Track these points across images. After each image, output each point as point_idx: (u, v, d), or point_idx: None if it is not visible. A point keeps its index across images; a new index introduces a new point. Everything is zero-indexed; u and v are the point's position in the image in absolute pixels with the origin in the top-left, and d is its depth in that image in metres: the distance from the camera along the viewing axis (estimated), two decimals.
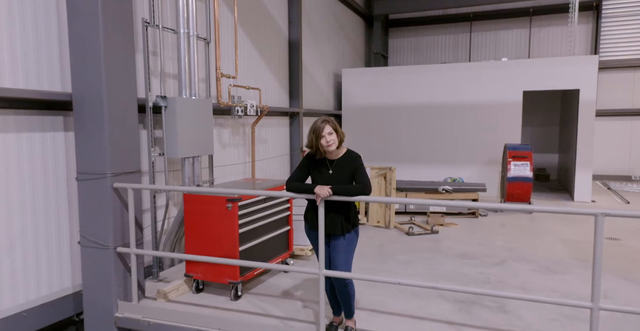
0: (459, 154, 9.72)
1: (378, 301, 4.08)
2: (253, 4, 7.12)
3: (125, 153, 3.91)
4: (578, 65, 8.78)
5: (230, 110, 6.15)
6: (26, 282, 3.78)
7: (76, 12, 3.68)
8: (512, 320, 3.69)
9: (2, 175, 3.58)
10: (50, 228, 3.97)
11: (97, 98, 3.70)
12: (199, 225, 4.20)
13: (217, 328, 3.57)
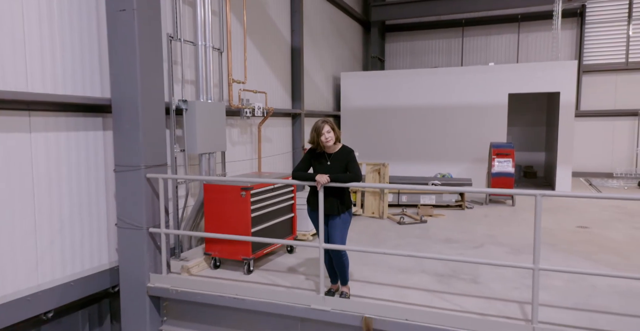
0: (449, 152, 10.43)
1: (369, 275, 4.79)
2: (259, 15, 7.83)
3: (155, 149, 4.62)
4: (558, 69, 9.50)
5: (240, 111, 6.86)
6: (73, 258, 4.49)
7: (115, 31, 4.39)
8: (481, 289, 4.40)
9: (55, 168, 4.30)
10: (92, 212, 4.69)
11: (133, 103, 4.41)
12: (216, 210, 4.91)
13: (234, 294, 4.29)
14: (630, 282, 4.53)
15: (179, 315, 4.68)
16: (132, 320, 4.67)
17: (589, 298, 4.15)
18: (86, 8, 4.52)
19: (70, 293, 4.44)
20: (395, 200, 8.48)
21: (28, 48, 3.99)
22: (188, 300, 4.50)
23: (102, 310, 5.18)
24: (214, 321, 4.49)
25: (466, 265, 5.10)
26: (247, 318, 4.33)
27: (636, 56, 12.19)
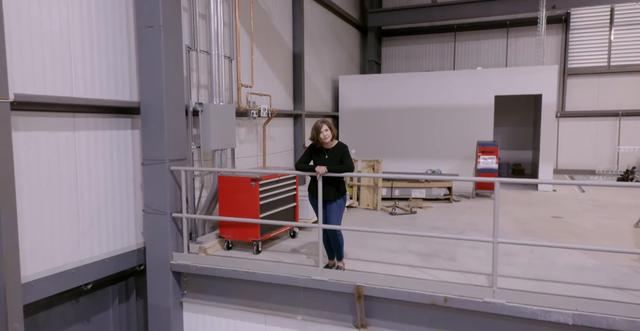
0: (440, 150, 11.18)
1: (361, 255, 5.54)
2: (264, 25, 8.57)
3: (177, 145, 5.37)
4: (541, 73, 10.25)
5: (247, 113, 7.61)
6: (107, 239, 5.24)
7: (144, 44, 5.13)
8: (457, 265, 5.14)
9: (94, 161, 5.04)
10: (122, 200, 5.43)
11: (159, 106, 5.16)
12: (229, 199, 5.66)
13: (245, 269, 5.03)
14: (584, 260, 5.27)
15: (198, 288, 5.43)
16: (157, 293, 5.42)
17: (547, 271, 4.89)
18: (119, 25, 5.26)
19: (105, 269, 5.18)
20: (389, 194, 9.22)
21: (73, 61, 4.74)
22: (206, 275, 5.25)
23: (129, 287, 5.93)
24: (228, 293, 5.24)
25: (447, 247, 5.84)
26: (257, 290, 5.08)
27: (617, 60, 12.93)
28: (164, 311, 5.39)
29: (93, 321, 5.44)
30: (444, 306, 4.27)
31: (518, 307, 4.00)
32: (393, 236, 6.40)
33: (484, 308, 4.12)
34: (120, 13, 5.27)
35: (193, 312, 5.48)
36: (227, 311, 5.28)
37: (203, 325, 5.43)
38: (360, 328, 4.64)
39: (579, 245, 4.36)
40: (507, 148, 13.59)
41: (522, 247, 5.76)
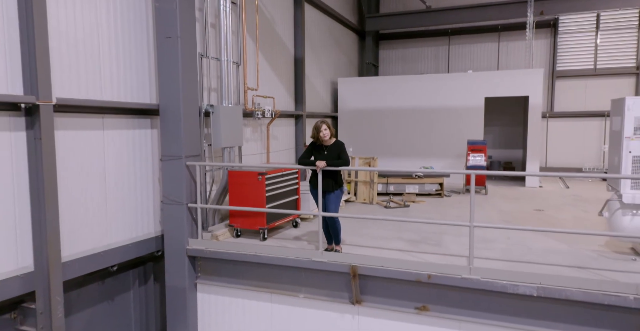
0: (433, 149, 11.82)
1: (357, 241, 6.17)
2: (268, 32, 9.20)
3: (192, 143, 5.99)
4: (527, 76, 10.89)
5: (253, 113, 8.24)
6: (130, 226, 5.87)
7: (163, 53, 5.76)
8: (441, 249, 5.76)
9: (118, 158, 5.67)
10: (143, 192, 6.07)
11: (176, 107, 5.79)
12: (238, 191, 6.29)
13: (253, 252, 5.66)
14: (556, 245, 5.91)
15: (210, 271, 6.05)
16: (174, 275, 6.04)
17: (522, 255, 5.51)
18: (140, 36, 5.89)
19: (128, 253, 5.82)
20: (384, 190, 9.84)
21: (102, 68, 5.37)
22: (218, 258, 5.87)
23: (147, 271, 6.56)
24: (238, 274, 5.86)
25: (434, 235, 6.47)
26: (264, 271, 5.70)
27: (603, 63, 13.56)
28: (180, 292, 6.02)
29: (116, 301, 6.07)
30: (428, 283, 4.89)
31: (491, 282, 4.64)
32: (386, 226, 7.03)
33: (461, 283, 4.75)
34: (141, 26, 5.90)
35: (206, 293, 6.11)
36: (237, 291, 5.91)
37: (215, 304, 6.06)
38: (355, 303, 5.28)
39: (543, 228, 5.00)
40: (499, 147, 14.22)
41: (502, 235, 6.39)
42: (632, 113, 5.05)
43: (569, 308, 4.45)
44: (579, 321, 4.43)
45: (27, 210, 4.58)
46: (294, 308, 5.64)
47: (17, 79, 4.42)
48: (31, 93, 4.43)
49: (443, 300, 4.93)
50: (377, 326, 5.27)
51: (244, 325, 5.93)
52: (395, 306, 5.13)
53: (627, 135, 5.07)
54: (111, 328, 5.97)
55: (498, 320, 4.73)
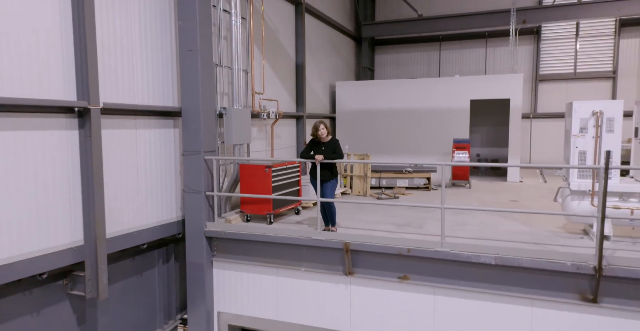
0: (423, 147, 12.83)
1: (351, 225, 7.18)
2: (272, 41, 10.21)
3: (209, 140, 7.01)
4: (508, 80, 11.91)
5: (259, 115, 9.25)
6: (157, 211, 6.88)
7: (185, 63, 6.77)
8: (422, 231, 6.76)
9: (148, 153, 6.69)
10: (167, 182, 7.08)
11: (196, 110, 6.80)
12: (248, 181, 7.30)
13: (262, 233, 6.67)
14: (520, 227, 6.92)
15: (225, 249, 7.06)
16: (194, 254, 7.05)
17: (489, 235, 6.51)
18: (166, 49, 6.91)
19: (155, 233, 6.83)
20: (377, 184, 10.86)
21: (135, 77, 6.39)
22: (231, 238, 6.88)
23: (169, 252, 7.56)
24: (248, 252, 6.87)
25: (418, 220, 7.48)
26: (270, 249, 6.71)
27: (582, 67, 14.58)
28: (199, 268, 7.03)
29: (144, 276, 7.08)
30: (408, 255, 5.91)
31: (458, 253, 5.65)
32: (377, 212, 8.05)
33: (434, 255, 5.76)
34: (167, 40, 6.92)
35: (221, 268, 7.12)
36: (247, 267, 6.92)
37: (229, 277, 7.07)
38: (348, 275, 6.29)
39: (502, 209, 6.03)
40: (486, 146, 15.22)
41: (476, 220, 7.41)
42: (578, 115, 6.06)
43: (520, 274, 5.46)
44: (529, 284, 5.44)
45: (79, 195, 5.59)
46: (296, 280, 6.65)
47: (71, 87, 5.44)
48: (83, 98, 5.44)
49: (420, 270, 5.94)
50: (366, 294, 6.28)
51: (253, 295, 6.94)
52: (381, 276, 6.14)
53: (574, 133, 6.09)
54: (139, 299, 6.97)
55: (465, 285, 5.74)
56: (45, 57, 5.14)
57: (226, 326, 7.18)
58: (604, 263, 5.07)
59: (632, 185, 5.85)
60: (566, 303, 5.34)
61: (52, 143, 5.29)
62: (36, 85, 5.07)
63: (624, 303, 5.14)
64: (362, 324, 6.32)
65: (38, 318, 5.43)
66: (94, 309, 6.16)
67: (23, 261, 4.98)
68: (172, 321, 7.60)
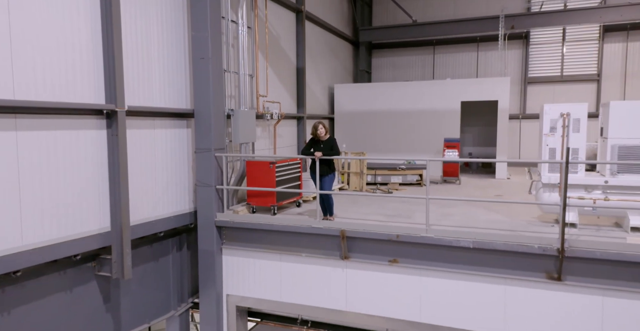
0: (416, 145, 13.59)
1: (347, 215, 7.93)
2: (275, 47, 10.97)
3: (218, 139, 7.75)
4: (496, 83, 12.67)
5: (263, 116, 10.01)
6: (172, 203, 7.62)
7: (198, 70, 7.52)
8: (411, 220, 7.52)
9: (164, 150, 7.43)
10: (182, 177, 7.82)
11: (207, 111, 7.55)
12: (254, 176, 8.04)
13: (267, 222, 7.42)
14: (499, 217, 7.67)
15: (233, 238, 7.80)
16: (205, 242, 7.79)
17: (471, 223, 7.27)
18: (180, 57, 7.66)
19: (171, 223, 7.58)
20: (373, 180, 11.62)
21: (153, 81, 7.14)
22: (239, 227, 7.63)
23: (182, 241, 8.30)
24: (254, 240, 7.61)
25: (408, 211, 8.23)
26: (274, 237, 7.45)
27: (569, 70, 15.35)
28: (209, 255, 7.77)
29: (160, 262, 7.81)
30: (397, 241, 6.65)
31: (441, 239, 6.40)
32: (371, 204, 8.81)
33: (420, 240, 6.51)
34: (181, 49, 7.67)
35: (230, 255, 7.86)
36: (253, 253, 7.66)
37: (237, 263, 7.82)
38: (344, 259, 7.03)
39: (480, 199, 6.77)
40: (478, 145, 15.99)
41: (460, 211, 8.17)
42: (548, 116, 6.82)
43: (495, 256, 6.21)
44: (502, 265, 6.19)
45: (106, 186, 6.34)
46: (297, 264, 7.40)
47: (101, 92, 6.19)
48: (111, 102, 6.19)
49: (408, 254, 6.69)
50: (361, 276, 7.02)
51: (259, 279, 7.69)
52: (373, 260, 6.88)
53: (544, 132, 6.85)
54: (156, 282, 7.71)
55: (447, 267, 6.48)
56: (79, 66, 5.89)
57: (234, 307, 7.93)
58: (566, 245, 5.82)
59: (595, 178, 6.61)
60: (535, 282, 6.09)
61: (85, 141, 6.04)
62: (72, 91, 5.82)
63: (584, 280, 5.89)
64: (357, 303, 7.07)
65: (71, 295, 6.17)
66: (117, 289, 6.91)
67: (61, 244, 5.73)
68: (184, 304, 8.35)
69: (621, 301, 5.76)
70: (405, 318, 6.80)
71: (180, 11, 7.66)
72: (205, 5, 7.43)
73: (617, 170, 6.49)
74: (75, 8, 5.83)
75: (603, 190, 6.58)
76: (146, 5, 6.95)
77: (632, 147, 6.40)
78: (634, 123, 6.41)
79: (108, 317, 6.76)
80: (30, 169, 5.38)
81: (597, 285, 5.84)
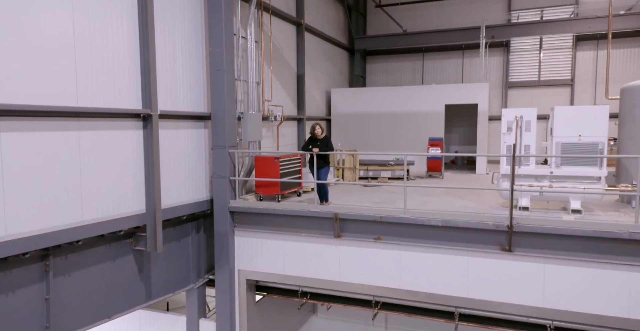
0: (405, 144, 15.02)
1: (340, 202, 9.36)
2: (278, 56, 12.40)
3: (231, 138, 9.17)
4: (476, 88, 14.11)
5: (268, 118, 11.43)
6: (193, 191, 9.03)
7: (214, 80, 8.93)
8: (393, 206, 8.93)
9: (186, 147, 8.86)
10: (200, 170, 9.24)
11: (222, 114, 8.97)
12: (261, 169, 9.47)
13: (272, 207, 8.85)
14: (469, 203, 9.09)
15: (244, 221, 9.21)
16: (220, 224, 9.20)
17: (444, 208, 8.68)
18: (199, 69, 9.08)
19: (191, 208, 8.99)
20: (365, 175, 13.04)
21: (178, 89, 8.57)
22: (248, 212, 9.05)
23: (199, 225, 9.72)
24: (261, 223, 9.02)
25: (392, 200, 9.65)
26: (279, 220, 8.86)
27: (545, 76, 16.79)
28: (224, 235, 9.18)
29: (182, 242, 9.23)
30: (380, 222, 8.07)
31: (416, 219, 7.82)
32: (362, 194, 10.24)
33: (399, 220, 7.92)
34: (200, 62, 9.09)
35: (241, 236, 9.27)
36: (260, 234, 9.07)
37: (247, 243, 9.23)
38: (337, 237, 8.45)
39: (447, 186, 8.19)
40: (463, 144, 17.43)
41: (438, 200, 9.59)
42: (505, 118, 8.25)
43: (459, 233, 7.63)
44: (465, 240, 7.61)
45: (142, 176, 7.76)
46: (298, 243, 8.81)
47: (138, 98, 7.62)
48: (146, 107, 7.62)
49: (389, 232, 8.10)
50: (351, 251, 8.44)
51: (266, 256, 9.11)
52: (361, 238, 8.29)
53: (503, 132, 8.28)
54: (178, 259, 9.12)
55: (421, 242, 7.89)
56: (124, 78, 7.32)
57: (244, 280, 9.34)
58: (514, 223, 7.25)
59: (543, 169, 8.04)
60: (491, 253, 7.51)
61: (126, 139, 7.46)
62: (118, 98, 7.24)
63: (530, 251, 7.31)
64: (348, 274, 8.48)
65: (114, 264, 7.59)
66: (148, 263, 8.32)
67: (109, 221, 7.15)
68: (201, 279, 9.76)
69: (558, 267, 7.19)
70: (388, 285, 8.22)
71: (200, 30, 9.09)
72: (221, 24, 8.85)
73: (560, 162, 7.92)
74: (121, 34, 7.26)
75: (549, 179, 8.01)
76: (173, 26, 8.38)
77: (572, 144, 7.84)
78: (574, 125, 7.85)
79: (142, 285, 8.18)
80: (88, 161, 6.81)
81: (539, 255, 7.26)
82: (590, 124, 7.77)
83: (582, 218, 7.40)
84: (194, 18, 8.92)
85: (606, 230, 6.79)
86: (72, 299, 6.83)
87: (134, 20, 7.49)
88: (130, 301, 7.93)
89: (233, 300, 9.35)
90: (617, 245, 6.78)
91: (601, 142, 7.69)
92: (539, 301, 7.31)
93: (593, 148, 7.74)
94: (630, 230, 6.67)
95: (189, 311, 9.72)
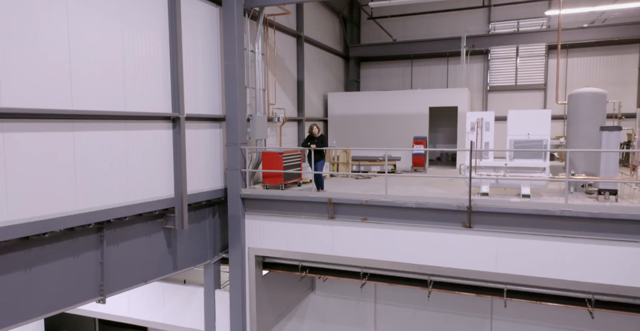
0: (393, 142, 16.78)
1: (334, 190, 11.12)
2: (281, 66, 14.15)
3: (243, 135, 10.92)
4: (456, 92, 15.87)
5: (272, 119, 13.19)
6: (211, 181, 10.78)
7: (229, 88, 10.69)
8: (377, 192, 10.68)
9: (205, 144, 10.61)
10: (216, 164, 10.99)
11: (235, 116, 10.72)
12: (268, 163, 11.22)
13: (277, 194, 10.60)
14: (441, 191, 10.85)
15: (253, 206, 10.96)
16: (233, 209, 10.95)
17: (420, 194, 10.43)
18: (215, 78, 10.84)
19: (209, 195, 10.74)
20: (357, 169, 14.80)
21: (199, 96, 10.32)
22: (257, 199, 10.79)
23: (215, 210, 11.46)
24: (268, 208, 10.76)
25: (378, 189, 11.41)
26: (282, 205, 10.60)
27: (521, 80, 18.56)
28: (236, 218, 10.93)
29: (200, 224, 10.97)
30: (366, 204, 9.81)
31: (394, 202, 9.57)
32: (353, 183, 12.00)
33: (381, 203, 9.67)
34: (216, 72, 10.86)
35: (250, 219, 11.01)
36: (267, 217, 10.81)
37: (256, 225, 10.97)
38: (331, 219, 10.19)
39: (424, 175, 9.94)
40: (447, 143, 19.19)
41: (418, 189, 11.35)
42: (469, 120, 10.01)
43: (429, 213, 9.37)
44: (434, 219, 9.35)
45: (171, 167, 9.51)
46: (299, 224, 10.54)
47: (168, 102, 9.37)
48: (175, 110, 9.38)
49: (374, 214, 9.84)
50: (343, 231, 10.18)
51: (272, 236, 10.85)
52: (351, 219, 10.03)
53: (467, 131, 10.04)
54: (198, 238, 10.86)
55: (399, 221, 9.63)
56: (157, 86, 9.07)
57: (254, 256, 11.09)
58: (473, 204, 9.01)
59: (499, 161, 9.81)
60: (455, 229, 9.26)
61: (158, 138, 9.21)
62: (152, 102, 8.99)
63: (487, 227, 9.05)
64: (340, 249, 10.22)
65: (149, 239, 9.34)
66: (175, 240, 10.07)
67: (147, 203, 8.90)
68: (216, 256, 11.50)
69: (508, 239, 8.94)
70: (374, 257, 9.96)
71: (216, 46, 10.84)
72: (234, 41, 10.60)
73: (512, 156, 9.69)
74: (156, 49, 9.01)
75: (504, 170, 9.77)
76: (195, 42, 10.14)
77: (521, 141, 9.60)
78: (523, 125, 9.61)
79: (169, 257, 9.93)
80: (134, 155, 8.56)
81: (493, 230, 9.02)
82: (537, 125, 9.54)
83: (529, 201, 9.17)
84: (212, 35, 10.68)
85: (543, 209, 8.56)
86: (118, 264, 8.58)
87: (166, 39, 9.24)
88: (161, 270, 9.68)
89: (244, 273, 11.10)
90: (551, 221, 8.55)
91: (545, 139, 9.45)
92: (493, 267, 9.07)
93: (539, 144, 9.51)
94: (562, 208, 8.44)
95: (206, 282, 11.48)
